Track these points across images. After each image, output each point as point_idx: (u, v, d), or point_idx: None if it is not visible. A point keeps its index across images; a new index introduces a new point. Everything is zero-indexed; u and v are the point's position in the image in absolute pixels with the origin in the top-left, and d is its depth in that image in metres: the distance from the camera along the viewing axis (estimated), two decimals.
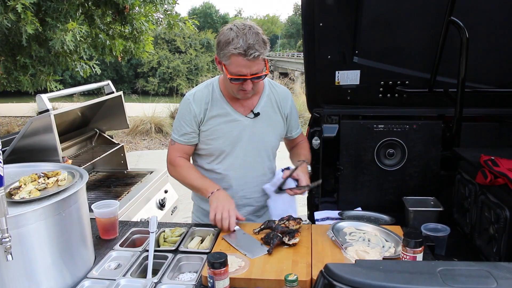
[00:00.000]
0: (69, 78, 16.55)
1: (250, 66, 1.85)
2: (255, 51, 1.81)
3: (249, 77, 1.88)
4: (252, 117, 2.11)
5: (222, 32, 1.88)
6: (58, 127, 2.70)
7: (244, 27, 1.85)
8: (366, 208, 2.65)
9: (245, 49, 1.80)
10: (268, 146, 2.19)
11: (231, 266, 1.59)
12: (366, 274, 0.85)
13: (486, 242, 2.19)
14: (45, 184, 1.61)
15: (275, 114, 2.19)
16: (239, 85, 1.93)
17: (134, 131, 9.90)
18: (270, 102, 2.17)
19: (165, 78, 19.35)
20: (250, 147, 2.13)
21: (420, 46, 2.70)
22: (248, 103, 2.12)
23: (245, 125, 2.10)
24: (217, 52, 1.92)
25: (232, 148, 2.11)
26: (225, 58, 1.87)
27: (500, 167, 2.13)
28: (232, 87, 1.97)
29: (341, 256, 1.67)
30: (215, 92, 2.10)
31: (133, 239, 1.99)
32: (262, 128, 2.14)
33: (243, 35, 1.81)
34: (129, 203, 3.02)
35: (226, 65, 1.89)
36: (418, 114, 2.89)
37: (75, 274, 1.60)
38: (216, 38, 1.94)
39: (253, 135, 2.12)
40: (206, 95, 2.09)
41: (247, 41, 1.80)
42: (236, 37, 1.81)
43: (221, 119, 2.08)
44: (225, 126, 2.08)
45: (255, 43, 1.81)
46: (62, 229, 1.53)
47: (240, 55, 1.81)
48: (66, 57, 5.75)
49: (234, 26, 1.86)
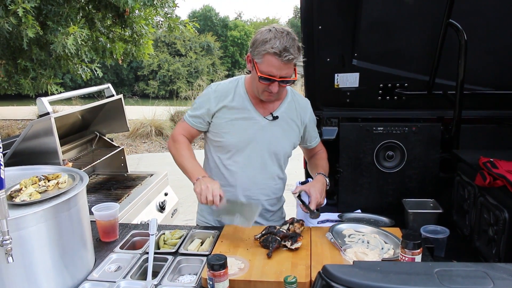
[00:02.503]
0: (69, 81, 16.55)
1: (281, 68, 1.88)
2: (289, 54, 1.85)
3: (278, 79, 1.91)
4: (270, 119, 2.12)
5: (260, 31, 1.93)
6: (58, 130, 2.71)
7: (282, 30, 1.89)
8: (365, 210, 2.65)
9: (280, 50, 1.84)
10: (280, 151, 2.20)
11: (231, 268, 1.60)
12: (364, 275, 0.86)
13: (485, 244, 2.19)
14: (45, 187, 1.62)
15: (293, 122, 2.20)
16: (266, 86, 1.95)
17: (134, 134, 9.90)
18: (290, 109, 2.19)
19: (165, 81, 19.35)
20: (262, 149, 2.14)
21: (419, 49, 2.71)
22: (269, 106, 2.14)
23: (262, 126, 2.12)
24: (251, 50, 1.96)
25: (244, 146, 2.12)
26: (259, 57, 1.90)
27: (499, 169, 2.13)
28: (258, 87, 1.99)
29: (340, 258, 1.68)
30: (240, 88, 2.13)
31: (133, 242, 2.00)
32: (277, 132, 2.15)
33: (281, 37, 1.86)
34: (129, 205, 3.03)
35: (258, 63, 1.92)
36: (417, 117, 2.90)
37: (75, 276, 1.61)
38: (253, 37, 1.98)
39: (267, 138, 2.13)
40: (229, 89, 2.13)
41: (284, 44, 1.84)
42: (274, 38, 1.85)
43: (239, 114, 2.10)
44: (242, 122, 2.10)
45: (290, 47, 1.85)
46: (63, 232, 1.54)
47: (275, 55, 1.85)
48: (67, 60, 5.76)
49: (273, 28, 1.91)
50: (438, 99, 2.78)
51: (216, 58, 21.59)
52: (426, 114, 2.90)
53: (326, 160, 2.37)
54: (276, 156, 2.19)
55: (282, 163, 2.24)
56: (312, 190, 2.07)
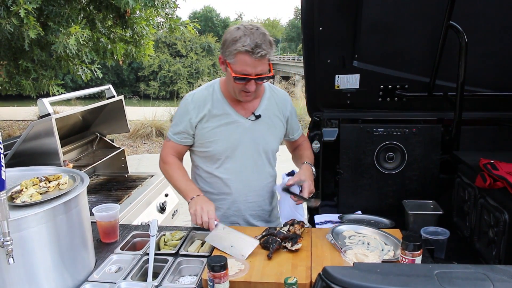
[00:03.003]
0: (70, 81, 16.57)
1: (255, 65, 1.85)
2: (262, 50, 1.82)
3: (253, 77, 1.88)
4: (253, 119, 2.10)
5: (228, 31, 1.90)
6: (59, 131, 2.72)
7: (252, 27, 1.87)
8: (366, 212, 2.65)
9: (252, 47, 1.81)
10: (269, 149, 2.18)
11: (231, 269, 1.60)
12: (364, 277, 0.86)
13: (485, 246, 2.19)
14: (46, 188, 1.62)
15: (276, 117, 2.19)
16: (242, 86, 1.92)
17: (135, 134, 9.91)
18: (271, 105, 2.17)
19: (166, 82, 19.38)
20: (251, 150, 2.12)
21: (420, 50, 2.71)
22: (249, 106, 2.12)
23: (246, 128, 2.10)
24: (222, 51, 1.92)
25: (232, 152, 2.10)
26: (231, 57, 1.87)
27: (499, 171, 2.13)
28: (235, 88, 1.95)
29: (340, 259, 1.68)
30: (216, 93, 2.09)
31: (133, 243, 2.00)
32: (262, 131, 2.14)
33: (250, 34, 1.83)
34: (130, 206, 3.03)
35: (231, 64, 1.89)
36: (418, 118, 2.90)
37: (76, 277, 1.61)
38: (222, 38, 1.95)
39: (253, 138, 2.12)
40: (206, 96, 2.08)
41: (254, 40, 1.82)
42: (243, 36, 1.83)
43: (221, 120, 2.07)
44: (225, 128, 2.07)
45: (262, 43, 1.83)
46: (63, 233, 1.54)
47: (247, 52, 1.82)
48: (67, 61, 5.77)
49: (241, 26, 1.88)
50: (439, 100, 2.78)
51: (217, 58, 21.63)
52: (427, 116, 2.90)
53: (310, 150, 2.36)
54: (266, 154, 2.18)
55: (271, 160, 2.23)
56: (302, 177, 2.06)
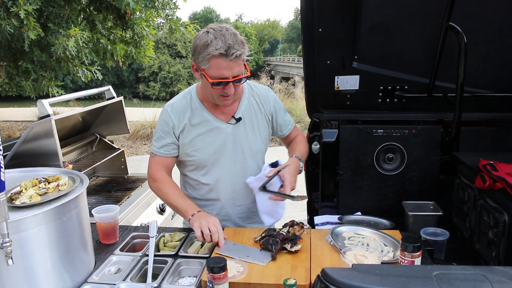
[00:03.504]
0: (70, 82, 16.58)
1: (231, 67, 1.80)
2: (235, 50, 1.77)
3: (230, 79, 1.82)
4: (234, 123, 2.05)
5: (198, 36, 1.84)
6: (58, 132, 2.72)
7: (221, 28, 1.81)
8: (365, 213, 2.65)
9: (225, 49, 1.75)
10: (254, 151, 2.13)
11: (230, 270, 1.60)
12: (363, 278, 0.86)
13: (485, 246, 2.19)
14: (45, 189, 1.62)
15: (258, 117, 2.13)
16: (221, 90, 1.86)
17: (135, 135, 9.92)
18: (251, 104, 2.11)
19: (166, 83, 19.38)
20: (236, 155, 2.08)
21: (419, 51, 2.71)
22: (229, 109, 2.06)
23: (228, 133, 2.05)
24: (194, 58, 1.86)
25: (217, 158, 2.05)
26: (204, 62, 1.81)
27: (498, 172, 2.13)
28: (212, 93, 1.90)
29: (340, 260, 1.68)
30: (194, 101, 2.04)
31: (133, 244, 2.00)
32: (245, 133, 2.09)
33: (221, 36, 1.77)
34: (130, 208, 3.03)
35: (205, 70, 1.83)
36: (417, 119, 2.90)
37: (75, 278, 1.61)
38: (192, 44, 1.88)
39: (237, 142, 2.07)
40: (184, 105, 2.04)
41: (226, 42, 1.76)
42: (214, 39, 1.77)
43: (202, 128, 2.02)
44: (207, 135, 2.03)
45: (234, 43, 1.77)
46: (63, 234, 1.54)
47: (221, 55, 1.76)
48: (67, 62, 5.77)
49: (210, 29, 1.82)
50: (438, 101, 2.78)
51: None
52: (426, 117, 2.90)
53: (303, 144, 2.27)
54: (252, 156, 2.12)
55: (259, 161, 2.17)
56: (286, 173, 1.97)
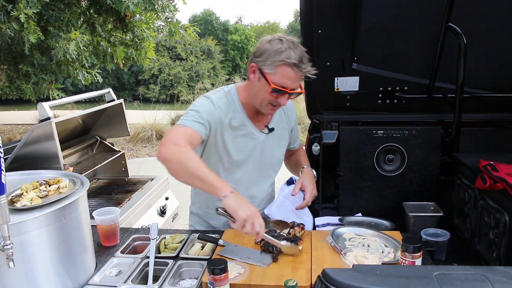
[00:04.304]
0: (70, 85, 16.55)
1: (295, 80, 1.82)
2: (306, 66, 1.80)
3: (289, 91, 1.83)
4: (266, 133, 2.06)
5: (267, 41, 1.83)
6: (59, 134, 2.72)
7: (293, 41, 1.82)
8: (366, 214, 2.65)
9: (298, 61, 1.77)
10: (275, 162, 2.16)
11: (231, 272, 1.60)
12: (363, 278, 0.86)
13: (486, 247, 2.19)
14: (46, 192, 1.62)
15: (284, 129, 2.16)
16: (274, 98, 1.85)
17: (135, 138, 9.91)
18: (281, 116, 2.13)
19: (166, 85, 19.35)
20: (260, 163, 2.08)
21: (419, 52, 2.72)
22: (264, 119, 2.06)
23: (260, 141, 2.04)
24: (258, 60, 1.83)
25: (242, 163, 2.03)
26: (271, 68, 1.79)
27: (499, 172, 2.14)
28: (264, 99, 1.87)
29: (340, 261, 1.68)
30: (235, 103, 1.99)
31: (134, 246, 2.00)
32: (272, 144, 2.10)
33: (295, 47, 1.79)
34: (130, 210, 3.03)
35: (269, 74, 1.80)
36: (417, 120, 2.90)
37: (76, 280, 1.61)
38: (258, 47, 1.86)
39: (264, 151, 2.07)
40: (227, 105, 1.96)
41: (298, 55, 1.78)
42: (288, 48, 1.77)
43: (239, 132, 1.99)
44: (241, 139, 2.00)
45: (303, 58, 1.80)
46: (64, 236, 1.55)
47: (293, 66, 1.77)
48: (68, 65, 5.77)
49: (283, 38, 1.82)
50: (438, 102, 2.79)
51: (217, 62, 21.59)
52: (426, 118, 2.91)
53: (306, 156, 2.33)
54: (272, 167, 2.16)
55: (276, 172, 2.21)
56: (305, 183, 2.05)
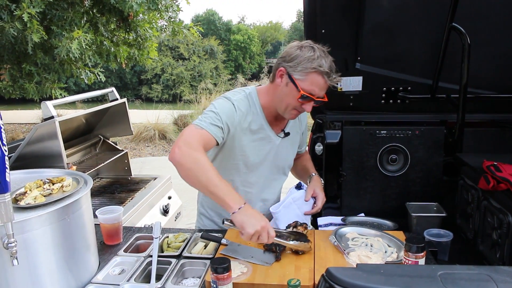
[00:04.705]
0: (73, 85, 16.59)
1: (323, 88, 1.84)
2: (336, 76, 1.83)
3: (315, 98, 1.84)
4: (282, 137, 2.06)
5: (298, 47, 1.84)
6: (62, 133, 2.73)
7: (323, 49, 1.84)
8: (369, 214, 2.65)
9: (329, 70, 1.80)
10: (287, 166, 2.18)
11: (234, 271, 1.60)
12: (367, 277, 0.86)
13: (489, 248, 2.19)
14: (50, 190, 1.63)
15: (296, 134, 2.17)
16: (300, 105, 1.86)
17: (138, 137, 9.92)
18: (295, 121, 2.14)
19: (169, 85, 19.37)
20: (273, 167, 2.09)
21: (422, 52, 2.71)
22: (281, 123, 2.07)
23: (276, 145, 2.05)
24: (288, 65, 1.83)
25: (258, 166, 2.04)
26: (302, 74, 1.80)
27: (502, 173, 2.13)
28: (290, 104, 1.87)
29: (343, 261, 1.68)
30: (256, 105, 1.97)
31: (137, 245, 2.01)
32: (286, 148, 2.12)
33: (325, 57, 1.81)
34: (133, 209, 3.04)
35: (298, 80, 1.81)
36: (421, 120, 2.90)
37: (79, 279, 1.62)
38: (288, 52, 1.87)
39: (278, 155, 2.08)
40: (247, 107, 1.94)
41: (329, 64, 1.81)
42: (320, 57, 1.79)
43: (257, 135, 1.98)
44: (259, 143, 2.00)
45: (333, 68, 1.82)
46: (67, 235, 1.55)
47: (325, 74, 1.79)
48: (70, 64, 5.78)
49: (314, 46, 1.84)
50: (442, 102, 2.78)
51: (220, 62, 21.62)
52: (430, 118, 2.90)
53: (311, 162, 2.34)
54: (283, 170, 2.18)
55: (286, 173, 2.23)
56: (317, 190, 2.08)
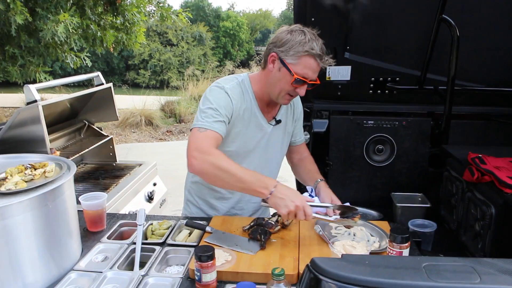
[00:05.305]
0: (59, 69, 16.30)
1: (316, 71, 1.84)
2: (327, 58, 1.84)
3: (309, 82, 1.84)
4: (274, 125, 2.04)
5: (288, 31, 1.84)
6: (46, 118, 2.68)
7: (313, 33, 1.84)
8: (354, 203, 2.64)
9: (321, 52, 1.80)
10: (279, 155, 2.15)
11: (218, 259, 1.59)
12: (352, 268, 0.86)
13: (471, 239, 2.21)
14: (32, 176, 1.59)
15: (289, 122, 2.14)
16: (293, 89, 1.85)
17: (124, 123, 9.82)
18: (288, 108, 2.11)
19: (156, 71, 19.16)
20: (265, 155, 2.06)
21: (411, 44, 2.71)
22: (273, 110, 2.05)
23: (267, 133, 2.03)
24: (279, 50, 1.83)
25: (248, 155, 2.01)
26: (294, 58, 1.80)
27: (487, 165, 2.15)
28: (283, 89, 1.86)
29: (328, 250, 1.68)
30: (248, 93, 1.96)
31: (120, 232, 1.99)
32: (278, 137, 2.09)
33: (317, 40, 1.81)
34: (117, 195, 3.01)
35: (291, 64, 1.81)
36: (408, 111, 2.90)
37: (61, 266, 1.59)
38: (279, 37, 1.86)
39: (270, 143, 2.06)
40: (240, 94, 1.93)
41: (321, 47, 1.81)
42: (311, 40, 1.79)
43: (249, 122, 1.96)
44: (250, 130, 1.97)
45: (324, 50, 1.83)
46: (49, 221, 1.52)
47: (317, 57, 1.79)
48: (56, 48, 5.68)
49: (304, 29, 1.83)
50: (429, 94, 2.79)
51: (208, 48, 21.44)
52: (417, 109, 2.91)
53: (315, 164, 2.27)
54: (276, 160, 2.14)
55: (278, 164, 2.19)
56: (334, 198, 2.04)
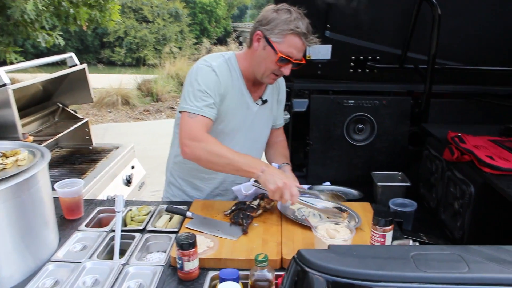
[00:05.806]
0: (30, 47, 15.77)
1: (301, 50, 1.82)
2: (313, 37, 1.82)
3: (293, 61, 1.83)
4: (260, 104, 2.02)
5: (274, 10, 1.82)
6: (17, 102, 2.58)
7: (299, 12, 1.83)
8: (335, 183, 2.66)
9: (306, 31, 1.79)
10: (264, 136, 2.14)
11: (200, 246, 1.56)
12: (340, 260, 0.84)
13: (450, 217, 2.24)
14: (3, 165, 1.52)
15: (274, 102, 2.13)
16: (278, 68, 1.84)
17: (100, 103, 9.62)
18: (273, 89, 2.10)
19: (132, 48, 18.76)
20: (251, 135, 2.04)
21: (392, 22, 2.70)
22: (259, 90, 2.03)
23: (253, 112, 2.00)
24: (264, 28, 1.81)
25: (234, 134, 1.98)
26: (278, 36, 1.78)
27: (466, 144, 2.16)
28: (268, 67, 1.85)
29: (310, 234, 1.66)
30: (235, 70, 1.94)
31: (99, 219, 1.95)
32: (263, 117, 2.07)
33: (302, 18, 1.80)
34: (95, 180, 2.94)
35: (276, 43, 1.79)
36: (388, 90, 2.90)
37: (38, 257, 1.54)
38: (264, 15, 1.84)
39: (255, 123, 2.03)
40: (227, 72, 1.91)
41: (307, 25, 1.80)
42: (297, 19, 1.78)
43: (236, 101, 1.93)
44: (237, 109, 1.95)
45: (309, 29, 1.81)
46: (23, 212, 1.47)
47: (302, 35, 1.78)
48: (26, 26, 5.47)
49: (291, 8, 1.82)
50: (410, 73, 2.79)
51: (185, 25, 21.05)
52: (397, 88, 2.91)
53: (287, 149, 2.26)
54: (260, 141, 2.13)
55: (263, 145, 2.18)
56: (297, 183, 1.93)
